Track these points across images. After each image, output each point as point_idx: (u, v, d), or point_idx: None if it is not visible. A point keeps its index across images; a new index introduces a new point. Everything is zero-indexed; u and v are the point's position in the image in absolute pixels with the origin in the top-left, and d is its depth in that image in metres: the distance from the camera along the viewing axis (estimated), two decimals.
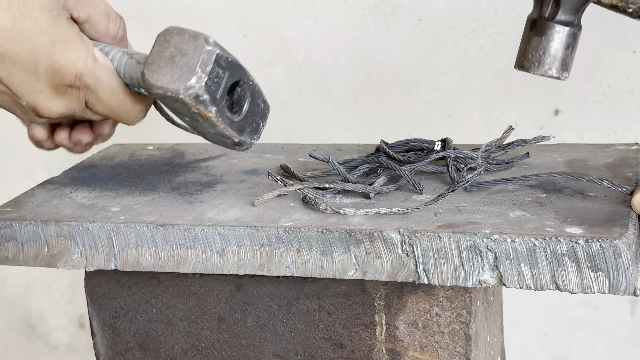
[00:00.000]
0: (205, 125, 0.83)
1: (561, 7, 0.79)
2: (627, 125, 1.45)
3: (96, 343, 0.94)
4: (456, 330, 0.82)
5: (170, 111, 0.85)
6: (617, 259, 0.72)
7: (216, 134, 0.84)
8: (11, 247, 0.89)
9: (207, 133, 0.85)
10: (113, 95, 0.84)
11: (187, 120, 0.84)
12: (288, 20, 1.57)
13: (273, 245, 0.81)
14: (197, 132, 0.87)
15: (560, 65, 0.80)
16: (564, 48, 0.80)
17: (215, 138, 0.86)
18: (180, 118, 0.85)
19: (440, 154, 0.93)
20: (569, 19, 0.80)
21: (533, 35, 0.81)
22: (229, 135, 0.84)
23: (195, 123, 0.83)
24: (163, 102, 0.83)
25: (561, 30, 0.80)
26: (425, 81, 1.52)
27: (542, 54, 0.80)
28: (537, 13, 0.81)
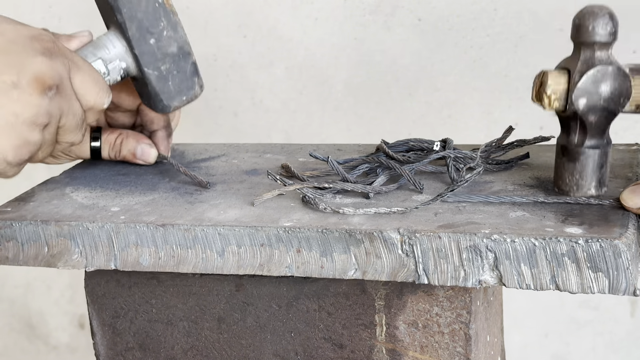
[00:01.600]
0: (169, 32, 0.88)
1: (588, 133, 0.81)
2: (627, 125, 1.45)
3: (96, 343, 0.94)
4: (456, 330, 0.82)
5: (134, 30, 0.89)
6: (617, 259, 0.72)
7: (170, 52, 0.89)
8: (11, 247, 0.89)
9: (164, 55, 0.90)
10: (84, 62, 0.85)
11: (150, 35, 0.89)
12: (288, 20, 1.57)
13: (273, 245, 0.81)
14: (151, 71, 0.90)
15: (597, 184, 0.82)
16: (599, 168, 0.82)
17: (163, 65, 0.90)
18: (142, 38, 0.89)
19: (440, 154, 0.93)
20: (597, 142, 0.81)
21: (566, 162, 0.83)
22: (184, 40, 0.90)
23: (160, 35, 0.88)
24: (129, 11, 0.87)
25: (592, 154, 0.81)
26: (425, 81, 1.52)
27: (578, 177, 0.82)
28: (566, 139, 0.83)
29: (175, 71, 0.90)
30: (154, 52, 0.89)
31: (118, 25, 0.89)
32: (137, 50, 0.89)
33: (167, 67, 0.90)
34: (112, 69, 0.90)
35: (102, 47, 0.90)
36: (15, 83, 0.79)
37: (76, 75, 0.85)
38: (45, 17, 1.65)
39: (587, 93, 0.79)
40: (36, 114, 0.80)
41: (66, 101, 0.83)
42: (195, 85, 0.92)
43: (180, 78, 0.91)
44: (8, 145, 0.79)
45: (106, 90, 0.87)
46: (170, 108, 0.92)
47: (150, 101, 0.92)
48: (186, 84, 0.91)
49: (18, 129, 0.79)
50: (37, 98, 0.80)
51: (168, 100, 0.91)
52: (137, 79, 0.93)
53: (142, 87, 0.93)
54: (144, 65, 0.90)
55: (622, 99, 0.80)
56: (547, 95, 0.80)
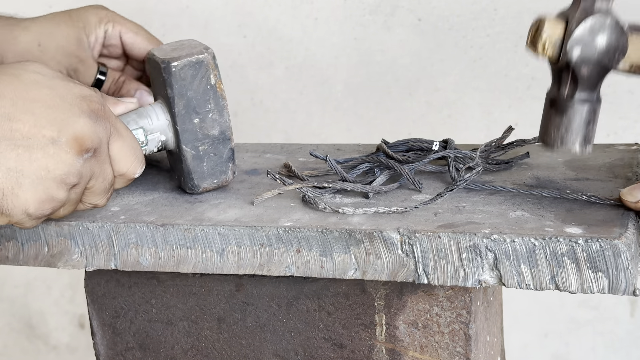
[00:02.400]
0: (215, 114, 0.90)
1: (579, 86, 0.80)
2: (627, 125, 1.45)
3: (96, 343, 0.94)
4: (456, 330, 0.82)
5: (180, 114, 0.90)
6: (616, 258, 0.72)
7: (212, 135, 0.90)
8: (11, 247, 0.89)
9: (206, 137, 0.91)
10: (127, 130, 0.86)
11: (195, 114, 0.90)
12: (288, 20, 1.57)
13: (273, 245, 0.81)
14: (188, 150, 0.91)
15: (582, 140, 0.81)
16: (585, 125, 0.80)
17: (207, 146, 0.91)
18: (187, 116, 0.90)
19: (440, 154, 0.93)
20: (587, 96, 0.80)
21: (554, 114, 0.81)
22: (228, 125, 0.91)
23: (204, 112, 0.90)
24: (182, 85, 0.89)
25: (581, 109, 0.80)
26: (425, 81, 1.52)
27: (564, 132, 0.81)
28: (556, 92, 0.82)
29: (212, 153, 0.91)
30: (195, 131, 0.90)
31: (166, 98, 0.90)
32: (180, 127, 0.89)
33: (205, 148, 0.91)
34: (151, 139, 0.90)
35: (146, 116, 0.90)
36: (54, 139, 0.79)
37: (116, 141, 0.85)
38: None
39: (582, 43, 0.78)
40: (67, 172, 0.80)
41: (99, 165, 0.84)
42: (229, 171, 0.92)
43: (215, 161, 0.91)
44: (32, 199, 0.79)
45: (141, 161, 0.87)
46: (199, 188, 0.92)
47: (181, 177, 0.93)
48: (220, 168, 0.92)
49: (46, 184, 0.79)
50: (72, 157, 0.80)
51: (199, 180, 0.91)
52: (173, 153, 0.93)
53: (176, 162, 0.93)
54: (183, 142, 0.90)
55: (617, 54, 0.79)
56: (542, 40, 0.79)
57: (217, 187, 0.92)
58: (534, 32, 0.80)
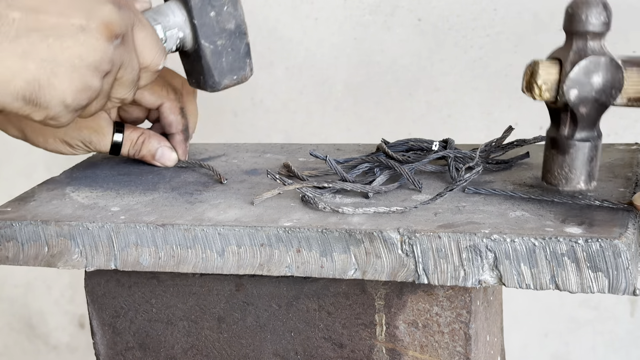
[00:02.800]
0: (229, 7, 0.89)
1: (579, 125, 0.80)
2: (627, 125, 1.45)
3: (96, 343, 0.95)
4: (456, 330, 0.82)
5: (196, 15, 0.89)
6: (616, 258, 0.72)
7: (230, 32, 0.90)
8: (11, 247, 0.89)
9: (221, 35, 0.90)
10: (147, 22, 0.86)
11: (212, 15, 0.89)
12: (288, 20, 1.57)
13: (273, 245, 0.81)
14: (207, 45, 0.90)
15: (587, 178, 0.81)
16: (588, 162, 0.81)
17: (221, 47, 0.90)
18: (203, 9, 0.89)
19: (440, 154, 0.93)
20: (588, 134, 0.81)
21: (555, 154, 0.82)
22: (242, 19, 0.90)
23: (219, 16, 0.89)
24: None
25: (582, 147, 0.80)
26: (425, 81, 1.52)
27: (567, 171, 0.81)
28: (556, 132, 0.82)
29: (230, 48, 0.90)
30: (213, 25, 0.89)
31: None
32: (197, 21, 0.89)
33: (223, 42, 0.90)
34: (170, 36, 0.90)
35: (163, 13, 0.90)
36: (83, 27, 0.79)
37: (139, 31, 0.85)
38: None
39: (578, 84, 0.78)
40: (101, 59, 0.80)
41: (128, 53, 0.84)
42: (247, 67, 0.92)
43: (233, 56, 0.91)
44: (69, 88, 0.79)
45: (163, 53, 0.88)
46: (221, 85, 0.91)
47: (201, 77, 0.92)
48: (238, 63, 0.91)
49: (82, 72, 0.79)
50: (103, 43, 0.80)
51: (219, 77, 0.91)
52: (190, 53, 0.92)
53: (194, 62, 0.92)
54: (202, 37, 0.90)
55: (613, 90, 0.79)
56: (537, 85, 0.79)
57: (237, 84, 0.92)
58: (529, 77, 0.80)
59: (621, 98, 0.80)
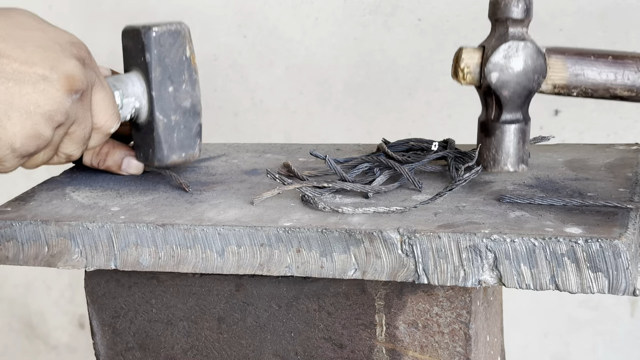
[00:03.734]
0: (188, 86, 0.92)
1: (504, 108, 0.84)
2: (627, 125, 1.45)
3: (96, 343, 0.94)
4: (456, 330, 0.82)
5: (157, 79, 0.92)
6: (616, 259, 0.72)
7: (184, 107, 0.93)
8: (11, 247, 0.89)
9: (178, 108, 0.93)
10: (107, 84, 0.88)
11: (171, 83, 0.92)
12: (288, 20, 1.57)
13: (273, 245, 0.81)
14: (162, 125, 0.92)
15: (515, 160, 0.85)
16: (515, 144, 0.84)
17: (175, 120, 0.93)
18: (163, 83, 0.91)
19: (440, 154, 0.93)
20: (514, 117, 0.84)
21: (484, 137, 0.85)
22: (198, 99, 0.93)
23: (178, 84, 0.92)
24: (160, 59, 0.91)
25: (508, 129, 0.84)
26: (425, 81, 1.52)
27: (494, 153, 0.85)
28: (484, 115, 0.86)
29: (183, 125, 0.93)
30: (169, 100, 0.92)
31: (144, 65, 0.91)
32: (155, 93, 0.91)
33: (177, 118, 0.93)
34: (126, 104, 0.92)
35: (123, 81, 0.92)
36: (45, 76, 0.80)
37: (98, 92, 0.86)
38: (45, 16, 1.64)
39: (498, 67, 0.82)
40: (56, 110, 0.81)
41: (83, 110, 0.85)
42: (196, 146, 0.94)
43: (185, 134, 0.93)
44: (20, 133, 0.80)
45: (118, 118, 0.89)
46: (169, 160, 0.93)
47: (150, 150, 0.94)
48: (189, 141, 0.94)
49: (35, 119, 0.80)
50: (62, 95, 0.81)
51: (168, 151, 0.93)
52: (142, 126, 0.94)
53: (145, 135, 0.94)
54: (157, 109, 0.92)
55: (536, 75, 0.83)
56: (460, 69, 0.83)
57: (184, 162, 0.94)
58: (455, 63, 0.85)
59: (546, 84, 0.84)
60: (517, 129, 0.84)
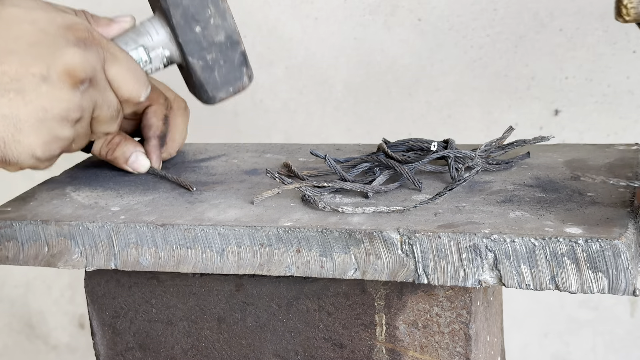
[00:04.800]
0: (217, 20, 0.84)
1: None
2: (627, 125, 1.45)
3: (96, 343, 0.94)
4: (456, 330, 0.82)
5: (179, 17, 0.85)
6: (616, 259, 0.72)
7: (218, 40, 0.85)
8: (11, 247, 0.89)
9: (212, 43, 0.86)
10: (122, 52, 0.82)
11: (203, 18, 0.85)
12: (288, 20, 1.57)
13: (273, 245, 0.81)
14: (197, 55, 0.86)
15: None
16: None
17: (212, 52, 0.86)
18: (187, 26, 0.85)
19: (440, 154, 0.93)
20: None
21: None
22: (233, 28, 0.86)
23: (208, 21, 0.84)
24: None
25: None
26: (425, 81, 1.52)
27: None
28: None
29: (222, 61, 0.87)
30: (199, 40, 0.85)
31: (162, 11, 0.85)
32: (182, 39, 0.85)
33: (214, 56, 0.86)
34: (155, 57, 0.86)
35: (144, 33, 0.86)
36: (44, 76, 0.75)
37: (112, 66, 0.81)
38: None
39: None
40: (67, 109, 0.77)
41: (100, 93, 0.80)
42: (244, 76, 0.88)
43: (227, 68, 0.87)
44: (37, 142, 0.76)
45: (144, 82, 0.83)
46: (216, 99, 0.88)
47: (196, 91, 0.89)
48: (233, 74, 0.88)
49: (48, 125, 0.76)
50: (67, 92, 0.76)
51: (213, 91, 0.87)
52: (182, 67, 0.89)
53: (187, 76, 0.89)
54: (189, 54, 0.86)
55: None
56: (624, 5, 0.79)
57: (234, 94, 0.88)
58: (618, 1, 0.80)
59: None
60: None
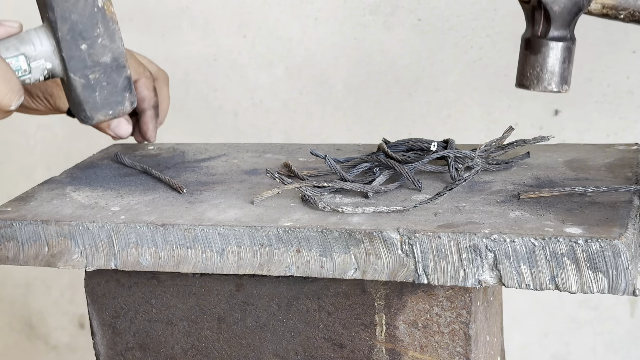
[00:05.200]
0: (105, 40, 0.84)
1: (552, 24, 0.82)
2: (627, 125, 1.45)
3: (96, 343, 0.95)
4: (456, 330, 0.82)
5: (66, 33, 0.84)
6: (616, 259, 0.72)
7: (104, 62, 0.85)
8: (11, 247, 0.89)
9: (96, 65, 0.85)
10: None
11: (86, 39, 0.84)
12: (288, 20, 1.57)
13: (273, 245, 0.81)
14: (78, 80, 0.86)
15: (559, 80, 0.83)
16: (561, 63, 0.82)
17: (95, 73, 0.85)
18: (73, 42, 0.84)
19: (439, 154, 0.93)
20: (561, 34, 0.82)
21: (529, 54, 0.83)
22: (121, 51, 0.85)
23: (94, 40, 0.84)
24: (64, 14, 0.82)
25: (555, 46, 0.82)
26: (425, 81, 1.52)
27: (539, 71, 0.83)
28: (530, 32, 0.83)
29: (105, 82, 0.86)
30: (84, 58, 0.85)
31: (49, 22, 0.84)
32: (66, 54, 0.84)
33: (97, 76, 0.86)
34: (35, 67, 0.85)
35: (28, 42, 0.85)
36: None
37: None
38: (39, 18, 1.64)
39: None
40: None
41: None
42: (126, 101, 0.88)
43: (109, 90, 0.86)
44: None
45: (16, 92, 0.83)
46: (94, 120, 0.88)
47: (74, 108, 0.88)
48: (115, 98, 0.87)
49: None
50: None
51: (92, 112, 0.87)
52: (64, 84, 0.88)
53: (68, 92, 0.88)
54: (71, 70, 0.85)
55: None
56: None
57: (113, 118, 0.89)
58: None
59: (595, 3, 0.82)
60: (563, 47, 0.82)
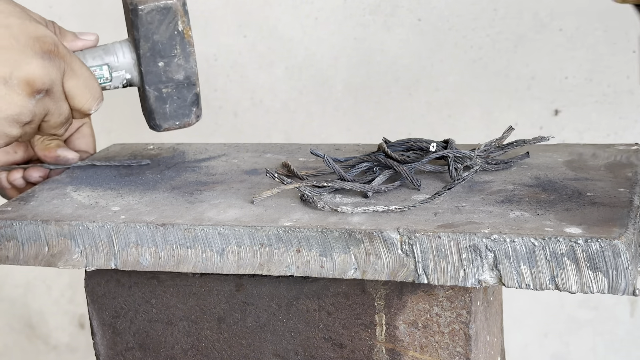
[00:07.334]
0: (180, 60, 0.93)
1: None
2: (627, 125, 1.45)
3: (96, 343, 0.95)
4: (456, 330, 0.82)
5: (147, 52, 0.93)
6: (616, 259, 0.72)
7: (178, 78, 0.94)
8: (11, 247, 0.89)
9: (171, 80, 0.95)
10: (82, 67, 0.89)
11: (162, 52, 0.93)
12: (288, 20, 1.57)
13: (273, 244, 0.82)
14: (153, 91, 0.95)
15: None
16: None
17: (171, 89, 0.95)
18: (152, 59, 0.93)
19: (439, 154, 0.93)
20: None
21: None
22: (193, 71, 0.95)
23: (170, 55, 0.93)
24: (147, 27, 0.92)
25: None
26: (425, 81, 1.52)
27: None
28: None
29: (176, 97, 0.95)
30: (160, 74, 0.94)
31: (133, 39, 0.93)
32: (144, 68, 0.93)
33: (169, 91, 0.95)
34: (116, 77, 0.94)
35: (112, 53, 0.94)
36: (5, 79, 0.82)
37: (70, 79, 0.88)
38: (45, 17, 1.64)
39: None
40: (19, 113, 0.84)
41: (54, 102, 0.87)
42: (192, 115, 0.97)
43: (178, 104, 0.95)
44: None
45: (97, 98, 0.91)
46: (161, 128, 0.97)
47: (146, 115, 0.97)
48: (183, 111, 0.96)
49: None
50: (23, 99, 0.83)
51: (160, 120, 0.96)
52: (140, 93, 0.97)
53: (142, 100, 0.97)
54: (147, 83, 0.94)
55: None
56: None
57: (179, 128, 0.97)
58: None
59: None
60: None
